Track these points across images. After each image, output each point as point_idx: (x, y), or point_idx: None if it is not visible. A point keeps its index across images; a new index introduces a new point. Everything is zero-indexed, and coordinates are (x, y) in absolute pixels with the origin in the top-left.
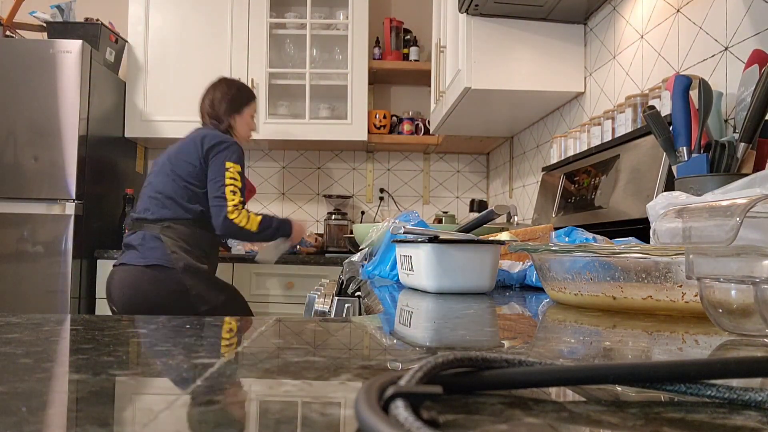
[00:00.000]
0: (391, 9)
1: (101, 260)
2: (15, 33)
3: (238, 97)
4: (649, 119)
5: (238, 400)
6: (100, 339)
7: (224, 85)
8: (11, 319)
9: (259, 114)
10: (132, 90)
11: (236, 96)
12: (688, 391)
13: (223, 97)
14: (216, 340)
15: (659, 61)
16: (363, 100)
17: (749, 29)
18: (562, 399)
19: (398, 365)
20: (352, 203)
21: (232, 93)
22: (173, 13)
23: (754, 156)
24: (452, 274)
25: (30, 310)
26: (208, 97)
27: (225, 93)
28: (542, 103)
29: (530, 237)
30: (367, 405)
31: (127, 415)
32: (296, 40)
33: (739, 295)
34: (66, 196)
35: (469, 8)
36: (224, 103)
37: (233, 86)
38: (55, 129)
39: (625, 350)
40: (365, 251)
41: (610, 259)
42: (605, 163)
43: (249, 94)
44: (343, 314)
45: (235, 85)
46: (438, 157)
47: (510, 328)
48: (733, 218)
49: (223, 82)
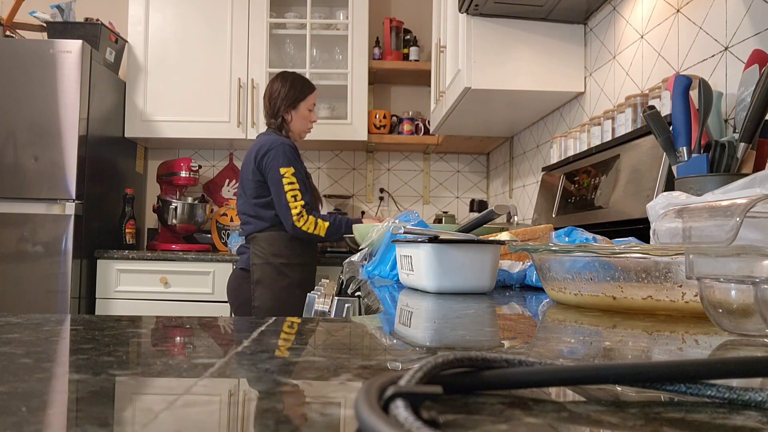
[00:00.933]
0: (391, 9)
1: (101, 260)
2: (15, 33)
3: (291, 93)
4: (649, 119)
5: (238, 400)
6: (100, 339)
7: (279, 80)
8: (11, 319)
9: (259, 114)
10: (132, 90)
11: (290, 91)
12: (688, 391)
13: (277, 93)
14: (216, 340)
15: (659, 61)
16: (363, 100)
17: (749, 29)
18: (562, 399)
19: (398, 365)
20: (352, 203)
21: (286, 89)
22: (173, 13)
23: (754, 156)
24: (452, 274)
25: (30, 310)
26: (266, 95)
27: (278, 89)
28: (542, 103)
29: (530, 237)
30: (367, 405)
31: (127, 415)
32: (296, 40)
33: (739, 295)
34: (66, 196)
35: (469, 8)
36: (278, 99)
37: (287, 81)
38: (55, 129)
39: (625, 350)
40: (365, 251)
41: (610, 259)
42: (605, 163)
43: (303, 88)
44: (343, 314)
45: (288, 80)
46: (438, 157)
47: (510, 328)
48: (733, 218)
49: (278, 78)
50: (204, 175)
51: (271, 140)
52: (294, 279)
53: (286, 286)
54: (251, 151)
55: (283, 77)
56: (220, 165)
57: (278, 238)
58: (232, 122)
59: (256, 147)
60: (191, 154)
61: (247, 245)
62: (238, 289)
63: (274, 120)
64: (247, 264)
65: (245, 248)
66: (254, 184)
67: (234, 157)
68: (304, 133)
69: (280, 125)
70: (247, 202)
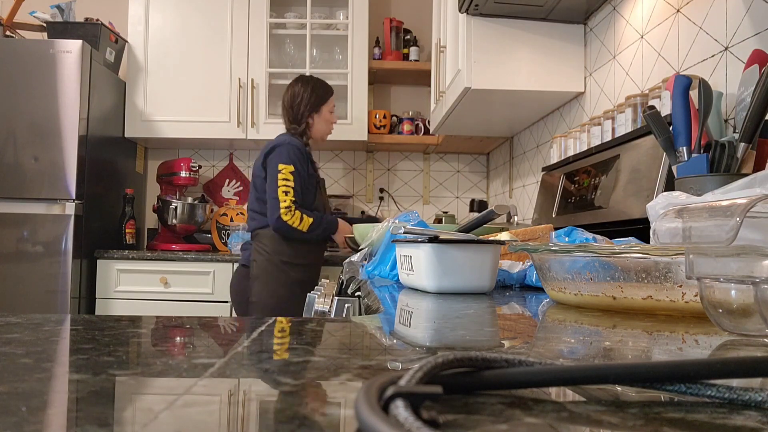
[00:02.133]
0: (391, 9)
1: (101, 260)
2: (15, 33)
3: (314, 97)
4: (649, 119)
5: (238, 400)
6: (100, 339)
7: (299, 85)
8: (11, 319)
9: (260, 114)
10: (132, 90)
11: (311, 95)
12: (688, 391)
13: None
14: (216, 340)
15: (659, 61)
16: (363, 100)
17: (749, 29)
18: (562, 399)
19: (398, 365)
20: (352, 203)
21: (308, 93)
22: (173, 13)
23: (754, 156)
24: (452, 274)
25: (30, 310)
26: (285, 101)
27: (300, 94)
28: (542, 103)
29: (530, 237)
30: (367, 405)
31: (127, 415)
32: (296, 40)
33: (739, 295)
34: (66, 196)
35: (469, 8)
36: (301, 105)
37: (308, 85)
38: (55, 129)
39: (625, 350)
40: (365, 251)
41: (610, 259)
42: (605, 163)
43: (324, 92)
44: (343, 314)
45: (310, 84)
46: (438, 157)
47: (510, 328)
48: (733, 218)
49: (298, 83)
50: (204, 175)
51: (282, 140)
52: (295, 278)
53: (286, 283)
54: (263, 150)
55: (304, 82)
56: (220, 165)
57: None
58: (232, 122)
59: (269, 145)
60: (191, 154)
61: (249, 241)
62: (239, 287)
63: (296, 126)
64: (248, 260)
65: (248, 245)
66: (261, 181)
67: (234, 157)
68: (327, 135)
69: (303, 131)
70: (255, 198)
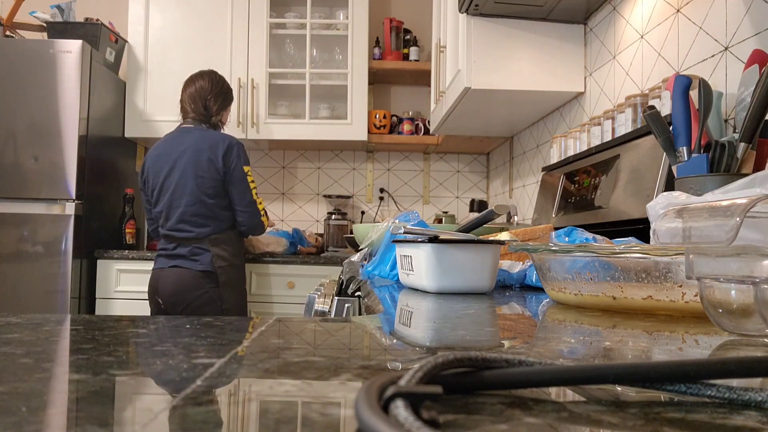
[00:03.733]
0: (391, 9)
1: (101, 260)
2: (15, 33)
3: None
4: (649, 119)
5: (238, 400)
6: (100, 339)
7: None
8: (11, 319)
9: (260, 114)
10: (132, 90)
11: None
12: (688, 391)
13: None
14: (216, 340)
15: (659, 61)
16: (363, 100)
17: (749, 29)
18: (562, 399)
19: (398, 365)
20: (352, 203)
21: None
22: (173, 13)
23: (754, 156)
24: (452, 274)
25: (30, 310)
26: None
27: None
28: (542, 103)
29: (530, 237)
30: (367, 405)
31: (127, 415)
32: (296, 40)
33: (739, 295)
34: (66, 196)
35: (469, 8)
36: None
37: (218, 82)
38: (55, 129)
39: (625, 350)
40: (365, 251)
41: (610, 259)
42: (605, 163)
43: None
44: (343, 314)
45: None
46: (438, 157)
47: (510, 328)
48: (733, 218)
49: (205, 76)
50: None
51: (225, 137)
52: (244, 278)
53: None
54: (201, 150)
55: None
56: None
57: (234, 239)
58: (232, 122)
59: (211, 144)
60: None
61: (203, 246)
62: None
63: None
64: (210, 266)
65: (201, 249)
66: (214, 183)
67: None
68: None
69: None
70: (203, 202)
